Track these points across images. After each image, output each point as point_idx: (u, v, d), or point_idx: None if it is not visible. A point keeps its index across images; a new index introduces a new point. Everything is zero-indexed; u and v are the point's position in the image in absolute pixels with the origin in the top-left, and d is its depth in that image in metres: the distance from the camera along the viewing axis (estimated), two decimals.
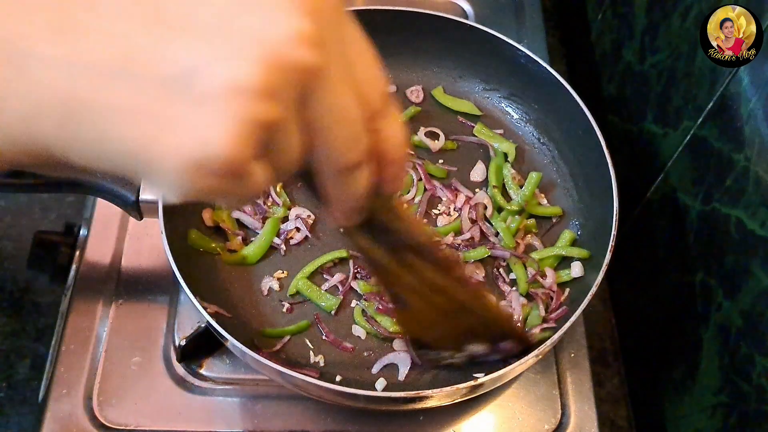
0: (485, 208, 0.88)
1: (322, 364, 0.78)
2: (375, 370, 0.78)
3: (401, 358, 0.78)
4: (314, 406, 0.80)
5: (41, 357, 0.88)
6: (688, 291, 0.80)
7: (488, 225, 0.88)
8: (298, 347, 0.79)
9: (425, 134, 0.95)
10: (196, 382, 0.81)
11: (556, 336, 0.71)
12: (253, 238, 0.86)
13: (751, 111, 0.69)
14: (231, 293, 0.82)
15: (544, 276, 0.83)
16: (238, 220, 0.87)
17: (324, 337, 0.80)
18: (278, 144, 0.36)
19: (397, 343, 0.79)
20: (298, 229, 0.86)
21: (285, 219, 0.87)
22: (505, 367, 0.69)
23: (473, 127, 0.96)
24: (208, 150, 0.32)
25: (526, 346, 0.71)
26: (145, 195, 0.77)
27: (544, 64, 0.89)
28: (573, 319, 0.72)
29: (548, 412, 0.81)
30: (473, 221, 0.87)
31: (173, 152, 0.33)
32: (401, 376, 0.77)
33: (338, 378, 0.77)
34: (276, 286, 0.83)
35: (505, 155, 0.93)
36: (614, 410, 0.90)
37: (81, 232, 0.91)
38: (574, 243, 0.87)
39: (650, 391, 0.89)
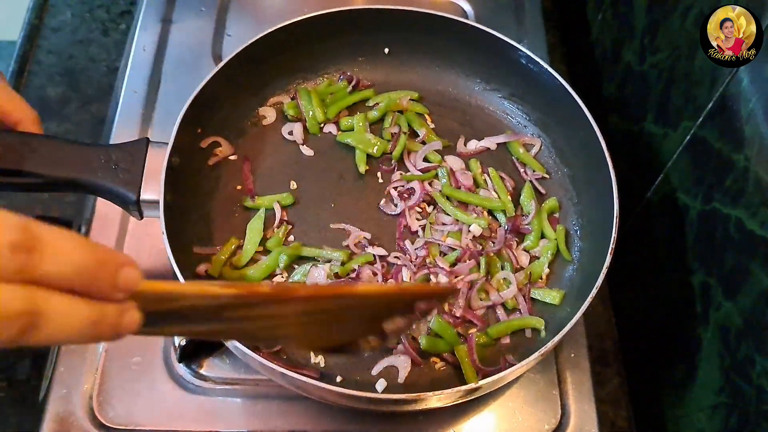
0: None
1: (322, 364, 0.78)
2: (375, 371, 0.78)
3: (401, 361, 0.78)
4: (314, 407, 0.80)
5: (41, 357, 0.87)
6: (688, 291, 0.80)
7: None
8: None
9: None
10: (197, 382, 0.81)
11: (557, 337, 0.71)
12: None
13: (751, 111, 0.69)
14: None
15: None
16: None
17: None
18: None
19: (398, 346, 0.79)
20: None
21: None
22: (504, 369, 0.69)
23: None
24: None
25: (444, 295, 0.70)
26: (146, 194, 0.77)
27: (544, 65, 0.89)
28: (574, 319, 0.72)
29: (548, 412, 0.81)
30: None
31: None
32: (401, 379, 0.77)
33: (338, 379, 0.77)
34: None
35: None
36: (614, 410, 0.90)
37: (81, 232, 0.91)
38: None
39: (650, 391, 0.89)
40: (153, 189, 0.77)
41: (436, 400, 0.71)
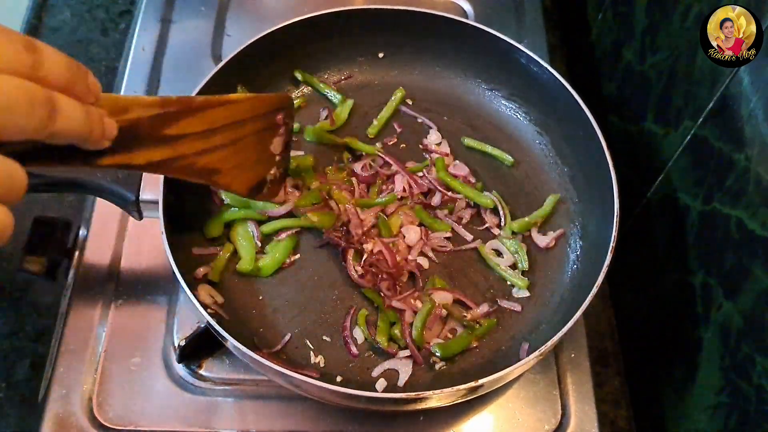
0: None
1: (322, 364, 0.78)
2: (375, 372, 0.78)
3: (402, 364, 0.78)
4: (314, 407, 0.80)
5: (41, 357, 0.87)
6: (688, 291, 0.80)
7: None
8: (298, 348, 0.79)
9: None
10: (196, 382, 0.81)
11: (556, 336, 0.71)
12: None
13: (752, 111, 0.69)
14: (230, 293, 0.82)
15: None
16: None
17: (327, 338, 0.80)
18: None
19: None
20: None
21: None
22: (504, 369, 0.69)
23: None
24: None
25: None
26: (145, 194, 0.77)
27: (545, 64, 0.89)
28: (574, 319, 0.72)
29: (548, 412, 0.81)
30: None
31: None
32: (401, 382, 0.77)
33: (339, 379, 0.77)
34: None
35: None
36: (614, 410, 0.90)
37: (81, 233, 0.91)
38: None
39: (650, 391, 0.89)
40: (152, 189, 0.77)
41: (436, 400, 0.71)
